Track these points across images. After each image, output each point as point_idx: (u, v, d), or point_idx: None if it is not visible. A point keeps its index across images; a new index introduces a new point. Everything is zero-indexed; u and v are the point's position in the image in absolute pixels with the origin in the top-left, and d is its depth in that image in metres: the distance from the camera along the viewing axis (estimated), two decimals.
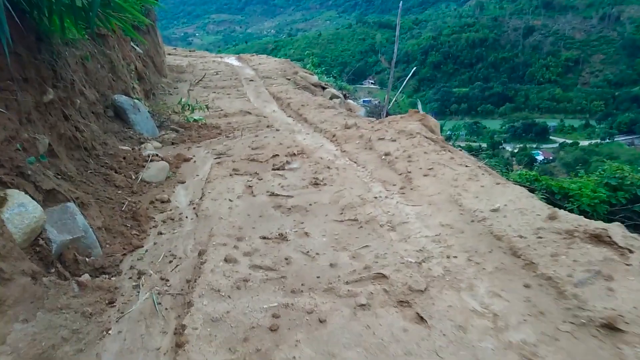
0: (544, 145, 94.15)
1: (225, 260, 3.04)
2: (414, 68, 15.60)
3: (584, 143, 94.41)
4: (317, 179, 4.65)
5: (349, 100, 13.66)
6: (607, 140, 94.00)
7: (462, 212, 3.68)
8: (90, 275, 2.69)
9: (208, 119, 7.65)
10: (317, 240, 3.43)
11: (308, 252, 3.24)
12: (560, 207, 4.09)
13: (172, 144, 6.20)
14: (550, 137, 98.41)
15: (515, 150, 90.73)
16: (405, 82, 14.93)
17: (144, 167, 4.71)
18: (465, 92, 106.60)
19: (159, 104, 8.39)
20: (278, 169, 5.00)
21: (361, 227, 3.63)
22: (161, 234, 3.55)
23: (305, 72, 14.40)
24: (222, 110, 8.42)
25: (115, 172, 4.28)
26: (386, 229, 3.58)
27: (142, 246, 3.31)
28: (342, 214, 3.89)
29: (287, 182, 4.64)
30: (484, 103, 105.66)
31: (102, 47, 6.14)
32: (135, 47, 9.16)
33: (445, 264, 2.98)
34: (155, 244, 3.39)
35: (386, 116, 14.54)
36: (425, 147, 5.11)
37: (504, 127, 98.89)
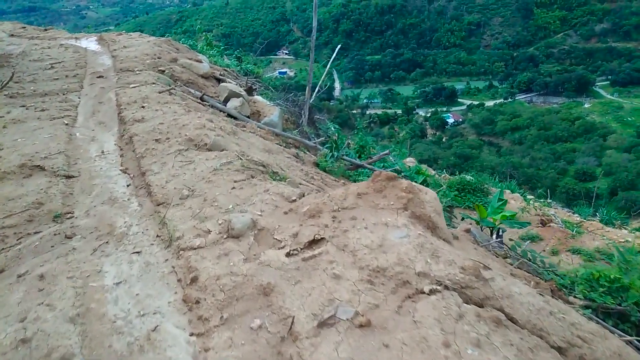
0: (454, 108, 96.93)
1: None
2: (339, 45, 12.11)
3: (489, 104, 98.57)
4: None
5: (257, 97, 9.82)
6: (510, 100, 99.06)
7: None
8: None
9: None
10: None
11: None
12: None
13: None
14: (459, 100, 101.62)
15: (428, 115, 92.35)
16: (330, 63, 11.36)
17: None
18: (377, 59, 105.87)
19: None
20: None
21: None
22: None
23: (191, 58, 10.25)
24: None
25: None
26: None
27: None
28: None
29: None
30: (396, 70, 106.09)
31: None
32: None
33: None
34: None
35: (309, 113, 10.93)
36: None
37: (416, 93, 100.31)
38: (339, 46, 12.32)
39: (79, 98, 6.70)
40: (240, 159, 4.19)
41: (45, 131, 5.24)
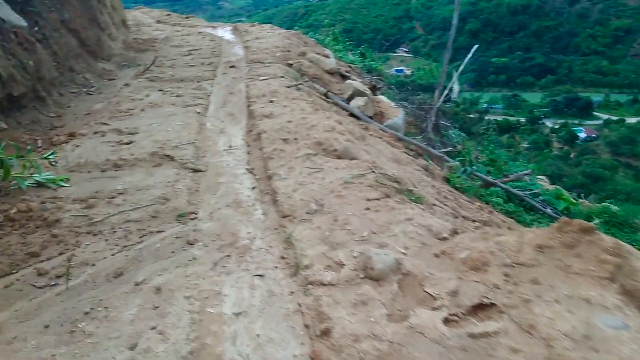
0: (587, 122, 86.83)
1: None
2: (475, 46, 11.01)
3: (631, 120, 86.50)
4: None
5: (381, 97, 9.27)
6: None
7: None
8: None
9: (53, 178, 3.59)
10: None
11: None
12: None
13: None
14: (594, 113, 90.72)
15: (556, 127, 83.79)
16: (463, 64, 10.39)
17: None
18: (504, 62, 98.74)
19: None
20: None
21: None
22: None
23: (319, 53, 10.02)
24: (119, 147, 4.29)
25: None
26: None
27: None
28: None
29: None
30: (523, 74, 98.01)
31: None
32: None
33: None
34: None
35: (435, 117, 10.03)
36: None
37: (544, 101, 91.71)
38: (475, 47, 11.22)
39: (212, 87, 6.75)
40: (373, 172, 3.68)
41: (178, 118, 5.26)
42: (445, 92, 10.19)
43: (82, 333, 2.10)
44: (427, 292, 2.13)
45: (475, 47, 10.83)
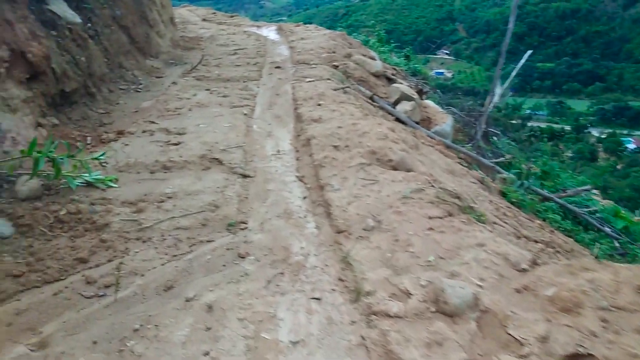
0: (637, 132, 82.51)
1: None
2: (529, 51, 10.47)
3: None
4: None
5: (428, 102, 8.94)
6: None
7: None
8: None
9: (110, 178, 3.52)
10: None
11: None
12: None
13: None
14: None
15: (603, 136, 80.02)
16: (516, 70, 9.88)
17: None
18: (550, 67, 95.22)
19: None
20: None
21: None
22: None
23: (364, 54, 9.78)
24: (168, 148, 4.20)
25: None
26: None
27: None
28: None
29: None
30: (570, 81, 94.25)
31: None
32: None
33: None
34: None
35: (485, 125, 9.55)
36: None
37: (591, 109, 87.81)
38: (529, 52, 10.67)
39: (258, 87, 6.64)
40: (433, 186, 3.43)
41: (225, 119, 5.16)
42: (497, 97, 9.73)
43: (131, 353, 1.97)
44: (511, 335, 1.88)
45: (529, 52, 10.29)
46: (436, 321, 1.99)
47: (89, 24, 6.14)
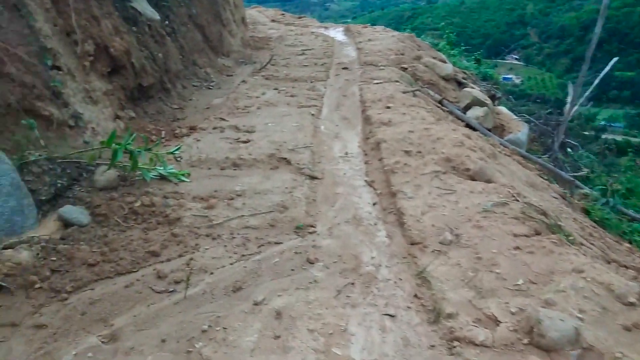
0: None
1: None
2: (615, 58, 9.65)
3: None
4: None
5: (501, 108, 8.46)
6: None
7: None
8: None
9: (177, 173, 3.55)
10: None
11: None
12: None
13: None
14: None
15: None
16: (599, 77, 9.13)
17: None
18: (630, 76, 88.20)
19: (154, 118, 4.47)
20: None
21: None
22: None
23: (434, 57, 9.45)
24: (238, 143, 4.20)
25: None
26: None
27: None
28: None
29: None
30: None
31: None
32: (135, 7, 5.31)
33: None
34: None
35: (564, 135, 8.84)
36: None
37: None
38: (615, 59, 9.82)
39: (325, 88, 6.56)
40: (517, 200, 3.16)
41: (292, 119, 5.12)
42: (576, 107, 9.04)
43: (199, 356, 1.92)
44: None
45: (615, 59, 9.46)
46: (530, 355, 1.77)
47: (167, 22, 6.34)
